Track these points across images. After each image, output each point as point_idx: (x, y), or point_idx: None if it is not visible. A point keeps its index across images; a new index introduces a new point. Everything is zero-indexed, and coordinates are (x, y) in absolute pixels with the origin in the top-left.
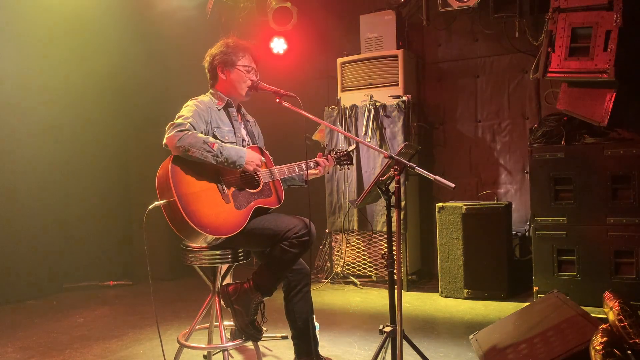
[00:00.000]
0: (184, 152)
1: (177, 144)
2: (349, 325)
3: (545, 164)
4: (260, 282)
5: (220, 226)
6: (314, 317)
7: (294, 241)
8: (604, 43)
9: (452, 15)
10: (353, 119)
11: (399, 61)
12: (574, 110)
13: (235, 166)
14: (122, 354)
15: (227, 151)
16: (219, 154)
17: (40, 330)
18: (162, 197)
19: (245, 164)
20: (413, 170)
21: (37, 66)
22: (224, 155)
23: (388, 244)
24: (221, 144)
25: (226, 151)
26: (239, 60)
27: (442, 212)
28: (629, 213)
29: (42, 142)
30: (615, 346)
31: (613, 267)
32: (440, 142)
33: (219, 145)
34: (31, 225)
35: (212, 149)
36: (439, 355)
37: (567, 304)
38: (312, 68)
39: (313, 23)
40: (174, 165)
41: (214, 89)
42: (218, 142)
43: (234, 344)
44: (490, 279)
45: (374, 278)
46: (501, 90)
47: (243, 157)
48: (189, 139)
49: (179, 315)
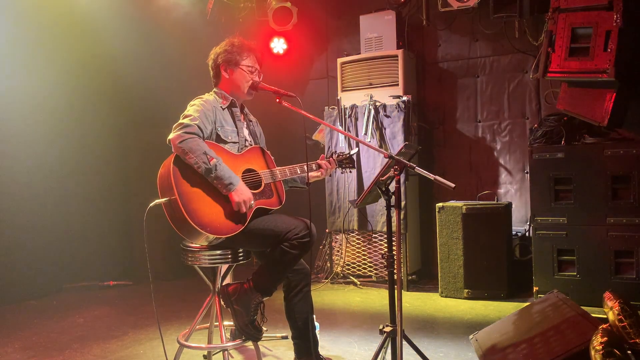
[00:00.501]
0: (182, 154)
1: (179, 144)
2: (349, 325)
3: (545, 164)
4: (260, 283)
5: (221, 226)
6: (314, 317)
7: (295, 242)
8: (604, 43)
9: (452, 15)
10: (353, 119)
11: (399, 61)
12: (574, 110)
13: (223, 188)
14: (122, 354)
15: (222, 171)
16: (213, 170)
17: (40, 330)
18: (163, 195)
19: (233, 192)
20: (413, 170)
21: (37, 65)
22: (216, 173)
23: (388, 244)
24: (220, 162)
25: (220, 170)
26: (242, 60)
27: (442, 212)
28: (629, 213)
29: (42, 142)
30: (615, 346)
31: (613, 267)
32: (440, 142)
33: (217, 162)
34: (31, 225)
35: (209, 162)
36: (439, 355)
37: (567, 304)
38: (312, 68)
39: (313, 23)
40: (175, 164)
41: (218, 88)
42: (218, 159)
43: (234, 344)
44: (490, 279)
45: (374, 278)
46: (501, 90)
47: (234, 184)
48: (191, 144)
49: (179, 315)
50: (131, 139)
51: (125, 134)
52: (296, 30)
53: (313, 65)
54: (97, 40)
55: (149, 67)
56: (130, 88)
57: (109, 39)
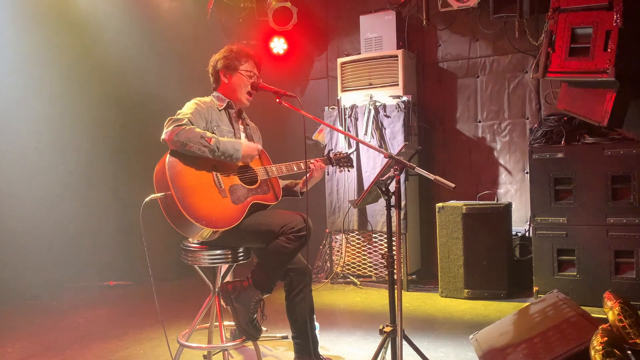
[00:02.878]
0: (181, 147)
1: (175, 139)
2: (349, 325)
3: (545, 164)
4: (259, 279)
5: (217, 219)
6: (314, 317)
7: (291, 236)
8: (604, 43)
9: (452, 15)
10: (353, 119)
11: (399, 61)
12: (574, 110)
13: (232, 159)
14: (122, 354)
15: (224, 145)
16: (216, 149)
17: (40, 330)
18: (159, 191)
19: (242, 157)
20: (413, 170)
21: (36, 66)
22: (220, 149)
23: (388, 244)
24: (218, 138)
25: (223, 145)
26: (241, 65)
27: (442, 212)
28: (629, 213)
29: (42, 142)
30: (615, 346)
31: (613, 267)
32: (440, 142)
33: (216, 139)
34: (31, 225)
35: (209, 143)
36: (439, 355)
37: (567, 304)
38: (312, 68)
39: (313, 23)
40: (171, 160)
41: (216, 92)
42: (215, 136)
43: (234, 344)
44: (490, 279)
45: (374, 278)
46: (501, 90)
47: (239, 149)
48: (187, 134)
49: (179, 315)
50: (131, 138)
51: (125, 133)
52: (296, 30)
53: (313, 65)
54: (97, 41)
55: (148, 66)
56: (130, 88)
57: (108, 39)
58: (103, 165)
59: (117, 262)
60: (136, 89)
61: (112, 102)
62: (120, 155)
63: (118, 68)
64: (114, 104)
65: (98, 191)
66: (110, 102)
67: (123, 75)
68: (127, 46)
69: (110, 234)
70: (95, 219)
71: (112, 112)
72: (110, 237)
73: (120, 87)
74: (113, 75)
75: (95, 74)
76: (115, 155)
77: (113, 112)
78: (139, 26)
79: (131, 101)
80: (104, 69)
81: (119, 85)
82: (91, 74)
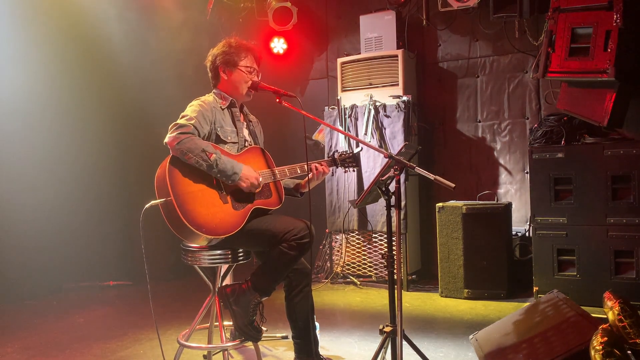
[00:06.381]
0: (181, 155)
1: (177, 146)
2: (349, 325)
3: (545, 164)
4: (259, 283)
5: (217, 226)
6: (314, 317)
7: (293, 243)
8: (604, 43)
9: (452, 15)
10: (353, 119)
11: (399, 61)
12: (574, 110)
13: (228, 180)
14: (122, 354)
15: (223, 164)
16: (214, 166)
17: (40, 330)
18: (160, 196)
19: (240, 180)
20: (413, 170)
21: (36, 67)
22: (219, 167)
23: (388, 244)
24: (220, 155)
25: (222, 164)
26: (241, 61)
27: (442, 212)
28: (629, 213)
29: (42, 143)
30: (615, 346)
31: (613, 267)
32: (440, 142)
33: (217, 156)
34: (31, 225)
35: (209, 159)
36: (439, 355)
37: (567, 304)
38: (312, 68)
39: (313, 23)
40: (172, 165)
41: (217, 89)
42: (217, 153)
43: (234, 344)
44: (490, 279)
45: (374, 278)
46: (501, 90)
47: (238, 173)
48: (189, 144)
49: (179, 315)
50: (131, 139)
51: (125, 135)
52: (296, 30)
53: (313, 65)
54: (96, 41)
55: (148, 67)
56: (130, 89)
57: (108, 39)
58: (104, 166)
59: (117, 262)
60: (137, 90)
61: (112, 103)
62: (120, 156)
63: (117, 70)
64: (114, 105)
65: (99, 191)
66: (111, 103)
67: (123, 77)
68: (126, 47)
69: (110, 234)
70: (95, 219)
71: (112, 113)
72: (110, 237)
73: (121, 89)
74: (112, 77)
75: (95, 75)
76: (116, 155)
77: (113, 113)
78: (138, 26)
79: (132, 102)
80: (103, 70)
81: (119, 86)
82: (90, 76)
